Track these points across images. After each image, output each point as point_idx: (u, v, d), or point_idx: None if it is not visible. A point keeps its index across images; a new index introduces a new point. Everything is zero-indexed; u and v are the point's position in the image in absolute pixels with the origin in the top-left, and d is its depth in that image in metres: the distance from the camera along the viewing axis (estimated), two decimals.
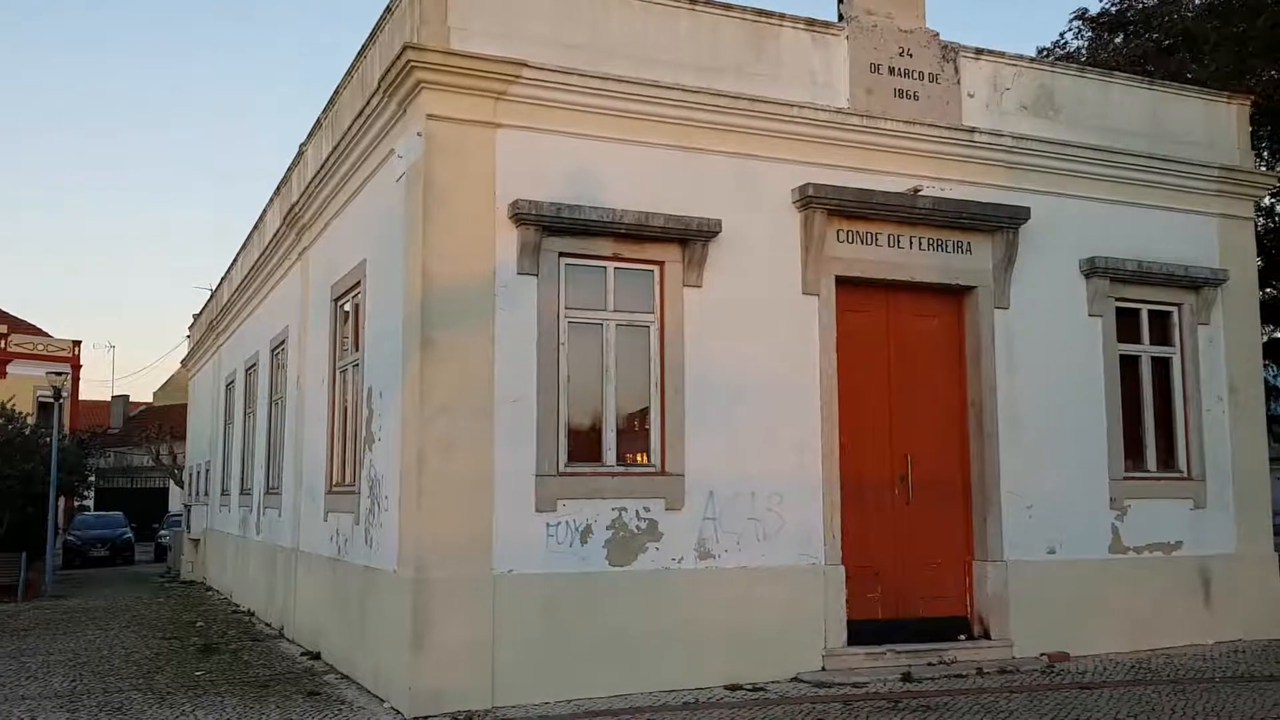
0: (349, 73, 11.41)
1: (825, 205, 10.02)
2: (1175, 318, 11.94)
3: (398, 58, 8.93)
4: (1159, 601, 11.21)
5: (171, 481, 41.62)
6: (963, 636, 10.41)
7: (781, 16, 10.26)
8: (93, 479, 42.80)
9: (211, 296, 24.78)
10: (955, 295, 10.88)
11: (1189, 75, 16.70)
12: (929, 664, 9.82)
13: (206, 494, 23.66)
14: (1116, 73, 12.95)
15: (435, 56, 8.81)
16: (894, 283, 10.56)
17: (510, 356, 8.99)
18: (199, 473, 25.86)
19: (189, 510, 26.35)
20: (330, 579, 11.35)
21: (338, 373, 11.72)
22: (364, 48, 10.79)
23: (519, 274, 9.09)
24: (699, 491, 9.48)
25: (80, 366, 44.74)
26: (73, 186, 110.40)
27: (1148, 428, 11.67)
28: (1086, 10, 20.75)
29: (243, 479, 18.23)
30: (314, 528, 12.23)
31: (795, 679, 9.42)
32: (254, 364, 17.68)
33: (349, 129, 10.64)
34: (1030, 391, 10.90)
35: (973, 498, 10.73)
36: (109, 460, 50.88)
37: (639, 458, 9.55)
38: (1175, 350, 11.92)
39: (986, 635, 10.42)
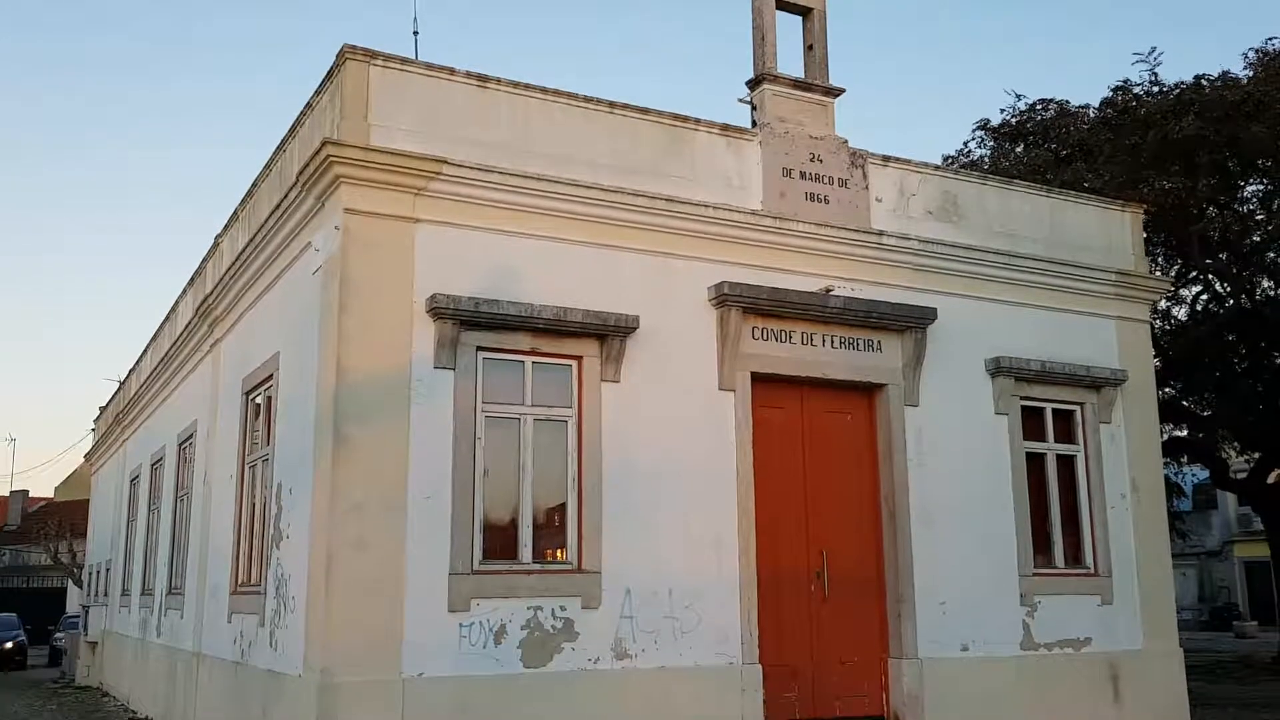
0: (268, 166, 11.41)
1: (740, 303, 10.21)
2: (1078, 416, 12.28)
3: (317, 152, 8.96)
4: (1070, 698, 11.30)
5: (70, 581, 39.88)
6: None
7: (697, 121, 10.56)
8: None
9: (119, 388, 24.15)
10: (867, 392, 11.09)
11: (1085, 184, 17.46)
12: None
13: (106, 594, 22.69)
14: (1017, 181, 13.52)
15: (354, 152, 8.86)
16: (808, 380, 10.73)
17: (425, 451, 8.89)
18: (99, 572, 24.83)
19: (87, 611, 25.21)
20: (233, 683, 10.91)
21: (247, 468, 11.45)
22: (284, 141, 10.81)
23: (436, 368, 9.05)
24: (616, 589, 9.38)
25: None
26: None
27: (1055, 524, 11.90)
28: (989, 121, 21.71)
29: (144, 578, 17.56)
30: (217, 629, 11.79)
31: None
32: (160, 458, 17.18)
33: (266, 221, 10.60)
34: (941, 488, 11.07)
35: (887, 594, 10.79)
36: (4, 559, 48.63)
37: (557, 554, 9.45)
38: (1079, 448, 12.24)
39: None
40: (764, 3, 11.30)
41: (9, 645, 32.33)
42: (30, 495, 60.39)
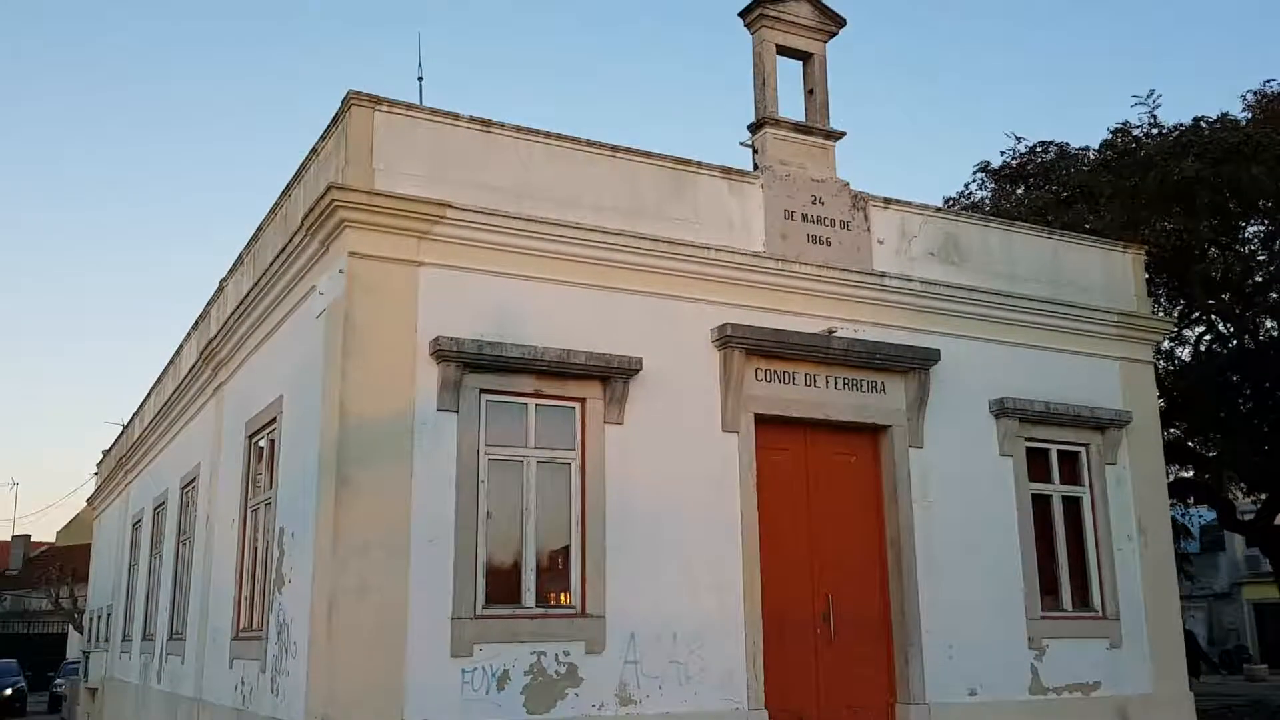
0: (273, 210, 11.48)
1: (743, 345, 10.22)
2: (1084, 458, 12.24)
3: (322, 197, 9.02)
4: None
5: (71, 627, 39.64)
6: None
7: (699, 164, 10.62)
8: None
9: (122, 433, 24.15)
10: (871, 434, 11.07)
11: (1087, 225, 17.50)
12: None
13: (107, 640, 22.54)
14: (1018, 222, 13.56)
15: (359, 196, 8.92)
16: (812, 421, 10.71)
17: (428, 494, 8.86)
18: (100, 617, 24.68)
19: (87, 657, 25.05)
20: None
21: (249, 511, 11.42)
22: (289, 186, 10.89)
23: (439, 410, 9.04)
24: (620, 633, 9.31)
25: None
26: None
27: (1062, 566, 11.83)
28: (989, 163, 21.80)
29: (145, 623, 17.45)
30: (218, 675, 11.70)
31: None
32: (163, 502, 17.13)
33: (270, 265, 10.65)
34: (947, 530, 11.02)
35: (894, 637, 10.69)
36: (5, 604, 48.37)
37: (560, 598, 9.39)
38: (1085, 490, 12.18)
39: None
40: (765, 48, 11.42)
41: (9, 692, 32.10)
42: (32, 540, 60.17)
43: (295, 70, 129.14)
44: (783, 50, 11.58)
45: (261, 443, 11.35)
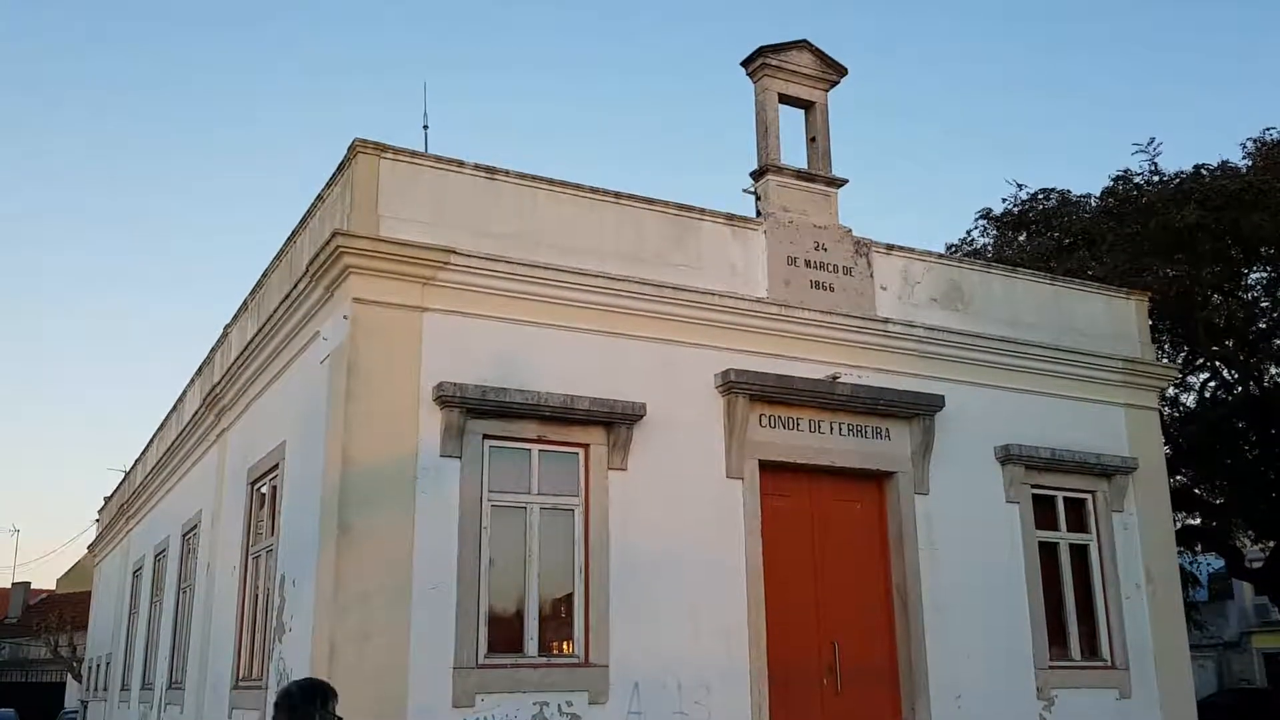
0: (278, 256, 11.53)
1: (747, 390, 10.20)
2: (1090, 505, 12.15)
3: (327, 243, 9.07)
4: None
5: (69, 675, 39.27)
6: None
7: (702, 211, 10.67)
8: None
9: (124, 479, 24.09)
10: (876, 480, 11.01)
11: (1089, 272, 17.55)
12: None
13: (106, 689, 22.33)
14: (1021, 269, 13.59)
15: (364, 243, 8.97)
16: (816, 467, 10.66)
17: (430, 541, 8.81)
18: (99, 666, 24.47)
19: (85, 707, 24.83)
20: None
21: (250, 559, 11.35)
22: (294, 233, 10.95)
23: (442, 456, 9.01)
24: (624, 683, 9.20)
25: None
26: None
27: (1070, 615, 11.70)
28: (991, 210, 21.90)
29: (145, 672, 17.28)
30: None
31: None
32: (164, 549, 17.04)
33: (275, 311, 10.68)
34: (954, 578, 10.92)
35: (901, 688, 10.56)
36: (4, 653, 47.98)
37: (563, 646, 9.30)
38: (1092, 537, 12.08)
39: None
40: (767, 97, 11.52)
41: None
42: (32, 587, 59.79)
43: (302, 118, 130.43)
44: (785, 99, 11.67)
45: (263, 489, 11.31)
